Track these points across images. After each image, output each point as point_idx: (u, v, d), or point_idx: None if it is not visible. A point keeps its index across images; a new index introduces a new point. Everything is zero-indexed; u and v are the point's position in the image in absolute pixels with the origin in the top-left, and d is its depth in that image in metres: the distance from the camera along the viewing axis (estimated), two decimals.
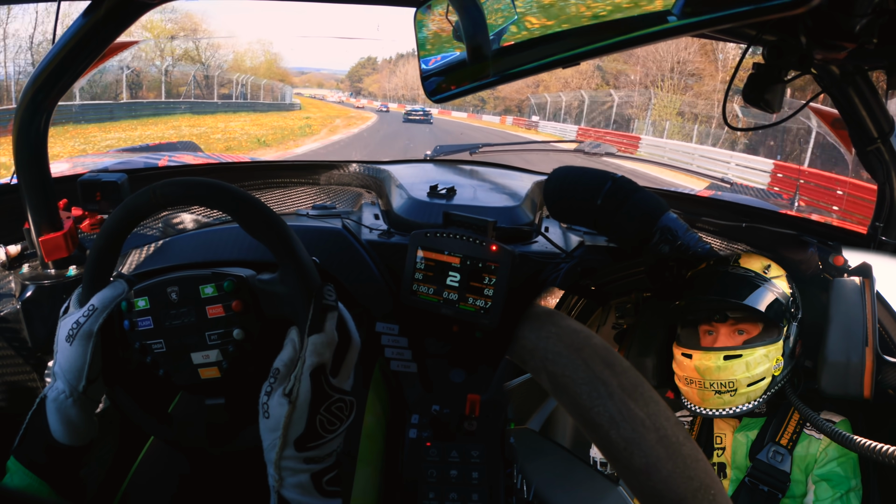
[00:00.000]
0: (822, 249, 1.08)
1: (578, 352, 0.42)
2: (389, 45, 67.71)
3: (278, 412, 0.59)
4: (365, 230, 1.19)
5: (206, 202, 0.64)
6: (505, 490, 0.93)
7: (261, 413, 0.61)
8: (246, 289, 0.67)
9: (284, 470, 0.59)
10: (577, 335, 0.43)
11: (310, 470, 0.60)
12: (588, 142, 1.81)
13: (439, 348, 1.08)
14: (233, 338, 0.67)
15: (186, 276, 0.68)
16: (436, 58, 0.60)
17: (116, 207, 0.67)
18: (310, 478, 0.60)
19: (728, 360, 1.00)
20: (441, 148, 1.81)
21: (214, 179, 0.63)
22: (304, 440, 0.60)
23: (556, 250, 1.13)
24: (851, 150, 1.18)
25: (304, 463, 0.60)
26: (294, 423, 0.59)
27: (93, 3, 0.87)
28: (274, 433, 0.59)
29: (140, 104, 19.56)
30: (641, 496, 0.37)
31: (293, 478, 0.60)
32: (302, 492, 0.60)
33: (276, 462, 0.59)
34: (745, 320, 1.04)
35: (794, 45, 0.71)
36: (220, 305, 0.67)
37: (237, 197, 0.63)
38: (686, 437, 0.38)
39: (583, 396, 0.40)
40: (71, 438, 0.66)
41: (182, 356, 0.69)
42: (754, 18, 0.39)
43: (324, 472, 0.61)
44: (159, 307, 0.68)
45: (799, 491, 1.01)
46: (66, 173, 1.28)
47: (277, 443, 0.59)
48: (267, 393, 0.61)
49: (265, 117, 23.60)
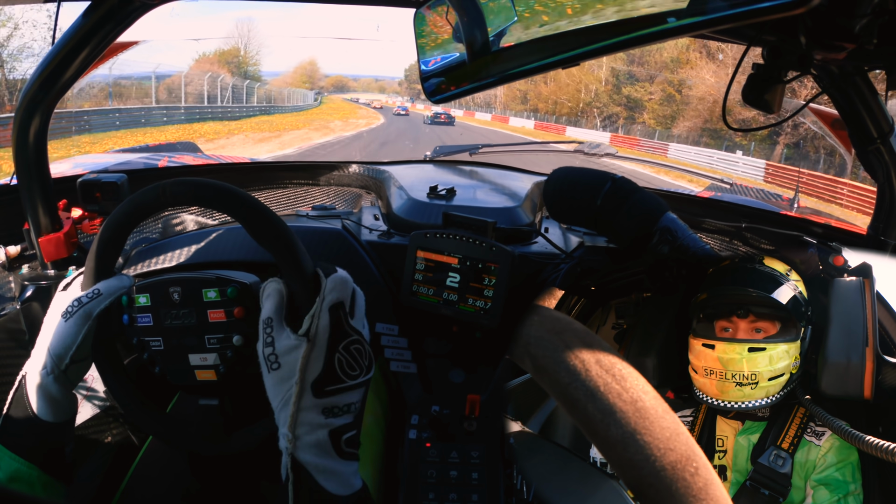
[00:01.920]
0: (822, 250, 1.08)
1: (559, 335, 0.42)
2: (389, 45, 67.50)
3: (292, 356, 0.54)
4: (365, 231, 1.19)
5: (214, 204, 0.63)
6: (505, 490, 0.92)
7: (266, 368, 0.56)
8: (249, 296, 0.67)
9: (301, 426, 0.54)
10: (558, 321, 0.44)
11: (328, 426, 0.55)
12: (588, 142, 1.80)
13: (439, 349, 1.08)
14: (232, 343, 0.67)
15: (190, 278, 0.68)
16: (436, 58, 0.60)
17: (123, 201, 0.66)
18: (328, 435, 0.55)
19: (752, 352, 1.00)
20: (441, 149, 1.81)
21: (223, 182, 0.63)
22: (323, 382, 0.55)
23: (556, 251, 1.13)
24: (851, 151, 1.18)
25: (322, 415, 0.55)
26: (312, 363, 0.54)
27: (93, 3, 0.87)
28: (287, 382, 0.54)
29: (174, 108, 20.33)
30: (619, 469, 0.37)
31: (310, 436, 0.54)
32: (319, 453, 0.54)
33: (292, 416, 0.54)
34: (764, 318, 1.03)
35: (794, 45, 0.71)
36: (221, 310, 0.67)
37: (246, 203, 0.61)
38: (666, 410, 0.38)
39: (561, 374, 0.40)
40: (53, 415, 0.65)
41: (180, 356, 0.69)
42: (754, 19, 0.39)
43: (343, 430, 0.56)
44: (160, 305, 0.68)
45: (798, 497, 1.00)
46: (66, 173, 1.28)
47: (293, 391, 0.54)
48: (269, 343, 0.56)
49: (279, 118, 25.06)
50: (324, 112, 31.79)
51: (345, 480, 0.55)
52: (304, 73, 46.01)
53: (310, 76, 46.85)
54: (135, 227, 0.69)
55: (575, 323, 0.44)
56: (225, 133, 17.73)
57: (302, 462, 0.54)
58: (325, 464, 0.54)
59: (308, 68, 47.01)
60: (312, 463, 0.54)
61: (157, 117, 18.06)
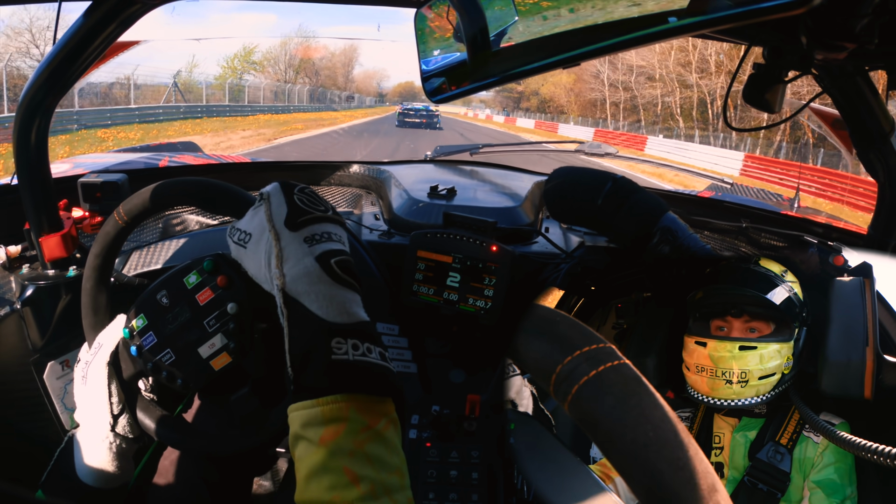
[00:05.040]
0: (822, 250, 1.08)
1: (527, 318, 0.45)
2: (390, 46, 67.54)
3: (256, 218, 0.57)
4: (365, 231, 1.19)
5: (169, 202, 0.70)
6: (505, 490, 0.93)
7: (242, 247, 0.58)
8: (224, 262, 0.66)
9: (287, 260, 0.52)
10: (532, 307, 0.47)
11: (312, 252, 0.53)
12: (588, 142, 1.80)
13: (439, 348, 1.08)
14: (229, 314, 0.65)
15: (169, 276, 0.68)
16: (436, 58, 0.60)
17: (93, 244, 0.69)
18: (315, 260, 0.52)
19: (743, 350, 1.01)
20: (441, 148, 1.81)
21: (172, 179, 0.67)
22: (292, 217, 0.55)
23: (557, 251, 1.13)
24: (852, 151, 1.18)
25: (305, 244, 0.53)
26: (276, 209, 0.55)
27: (93, 3, 0.87)
28: (261, 239, 0.55)
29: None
30: (556, 391, 0.40)
31: (297, 266, 0.52)
32: (310, 280, 0.51)
33: (276, 255, 0.53)
34: (758, 318, 1.04)
35: (795, 45, 0.71)
36: (207, 288, 0.66)
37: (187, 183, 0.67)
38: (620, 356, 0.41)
39: (520, 344, 0.44)
40: (100, 481, 0.65)
41: (190, 355, 0.68)
42: (754, 19, 0.39)
43: (330, 254, 0.53)
44: (156, 317, 0.68)
45: (796, 497, 1.00)
46: (66, 173, 1.28)
47: (271, 241, 0.54)
48: (233, 234, 0.60)
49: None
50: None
51: (342, 307, 0.51)
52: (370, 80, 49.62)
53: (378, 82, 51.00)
54: (112, 265, 0.72)
55: (541, 306, 0.46)
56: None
57: (294, 295, 0.52)
58: (317, 289, 0.51)
59: (377, 75, 50.94)
60: (304, 291, 0.51)
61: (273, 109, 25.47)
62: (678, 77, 25.34)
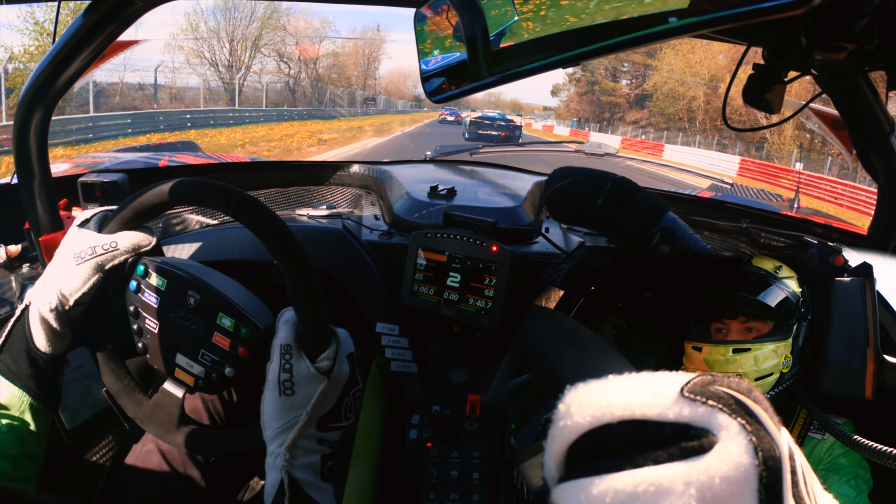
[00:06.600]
0: (822, 250, 1.08)
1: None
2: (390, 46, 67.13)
3: (309, 387, 0.59)
4: (365, 230, 1.19)
5: (266, 239, 0.61)
6: (505, 490, 0.93)
7: (277, 391, 0.59)
8: (259, 341, 0.65)
9: (298, 448, 0.59)
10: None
11: (320, 451, 0.61)
12: (588, 143, 1.81)
13: (440, 348, 1.08)
14: (223, 371, 0.66)
15: (212, 293, 0.67)
16: (436, 58, 0.60)
17: (185, 181, 0.64)
18: (320, 459, 0.61)
19: (737, 353, 1.01)
20: (441, 148, 1.81)
21: (284, 225, 0.60)
22: (328, 419, 0.60)
23: (557, 251, 1.13)
24: (852, 151, 1.18)
25: (318, 444, 0.61)
26: (324, 400, 0.60)
27: (93, 2, 0.87)
28: (296, 409, 0.59)
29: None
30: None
31: (306, 458, 0.60)
32: (311, 472, 0.60)
33: (293, 439, 0.59)
34: (755, 318, 1.04)
35: (795, 45, 0.71)
36: (228, 340, 0.66)
37: (295, 257, 0.60)
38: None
39: None
40: (52, 347, 0.67)
41: (169, 348, 0.69)
42: (754, 19, 0.39)
43: (328, 458, 0.62)
44: (172, 298, 0.68)
45: None
46: (66, 173, 1.28)
47: (300, 420, 0.59)
48: (286, 370, 0.59)
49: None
50: None
51: (329, 499, 0.62)
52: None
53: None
54: (171, 208, 0.71)
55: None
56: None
57: (297, 479, 0.59)
58: (315, 482, 0.60)
59: (413, 75, 50.35)
60: (306, 480, 0.59)
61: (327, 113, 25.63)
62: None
